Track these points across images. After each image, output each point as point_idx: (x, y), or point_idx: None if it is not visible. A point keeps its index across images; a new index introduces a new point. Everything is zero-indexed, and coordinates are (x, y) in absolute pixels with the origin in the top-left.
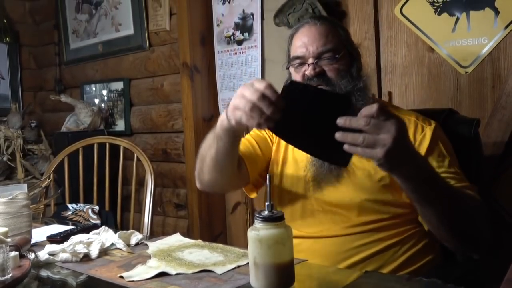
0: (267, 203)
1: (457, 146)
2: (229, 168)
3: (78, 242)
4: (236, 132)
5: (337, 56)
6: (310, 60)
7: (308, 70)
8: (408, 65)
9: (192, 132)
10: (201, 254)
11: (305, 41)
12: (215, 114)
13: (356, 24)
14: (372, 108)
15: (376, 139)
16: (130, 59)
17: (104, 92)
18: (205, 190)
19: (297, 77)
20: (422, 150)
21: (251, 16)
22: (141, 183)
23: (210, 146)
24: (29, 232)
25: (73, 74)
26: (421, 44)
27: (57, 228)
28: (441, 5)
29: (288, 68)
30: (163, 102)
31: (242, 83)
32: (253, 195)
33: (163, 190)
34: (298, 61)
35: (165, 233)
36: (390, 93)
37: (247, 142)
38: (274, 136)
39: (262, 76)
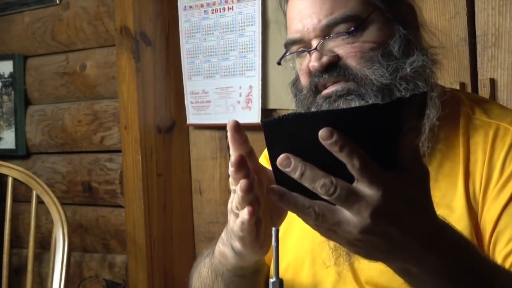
0: (272, 280)
1: None
2: None
3: None
4: (255, 264)
5: (353, 28)
6: (313, 42)
7: (311, 62)
8: None
9: (138, 152)
10: None
11: (300, 10)
12: (179, 121)
13: None
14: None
15: (335, 220)
16: (26, 21)
17: None
18: None
19: (300, 73)
20: None
21: None
22: (44, 244)
23: None
24: None
25: None
26: None
27: None
28: None
29: (280, 63)
30: (85, 97)
31: (228, 64)
32: None
33: (84, 257)
34: (296, 47)
35: None
36: (492, 82)
37: None
38: None
39: (264, 54)
